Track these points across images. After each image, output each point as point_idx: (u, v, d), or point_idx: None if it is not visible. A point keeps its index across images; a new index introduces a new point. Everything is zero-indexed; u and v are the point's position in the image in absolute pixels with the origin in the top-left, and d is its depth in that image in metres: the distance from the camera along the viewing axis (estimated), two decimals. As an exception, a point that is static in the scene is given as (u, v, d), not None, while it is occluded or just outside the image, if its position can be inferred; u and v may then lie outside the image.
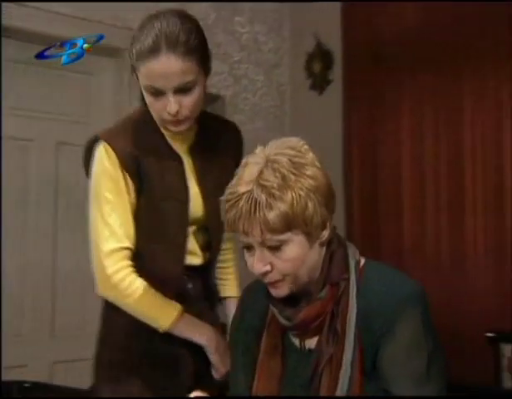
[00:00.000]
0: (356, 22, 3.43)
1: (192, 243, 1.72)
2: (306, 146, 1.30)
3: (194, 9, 2.51)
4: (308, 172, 1.26)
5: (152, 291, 1.63)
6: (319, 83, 3.70)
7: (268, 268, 1.27)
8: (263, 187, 1.23)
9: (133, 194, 1.65)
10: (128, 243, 1.65)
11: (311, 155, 1.29)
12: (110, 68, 3.32)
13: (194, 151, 1.73)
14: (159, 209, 1.67)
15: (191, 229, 1.72)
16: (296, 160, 1.26)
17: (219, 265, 1.86)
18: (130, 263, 1.64)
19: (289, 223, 1.23)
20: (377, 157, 3.16)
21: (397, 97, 3.18)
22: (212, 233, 1.74)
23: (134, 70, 1.61)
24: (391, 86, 3.21)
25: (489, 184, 2.82)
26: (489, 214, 2.80)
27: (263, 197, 1.23)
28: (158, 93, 1.57)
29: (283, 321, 1.34)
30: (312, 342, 1.35)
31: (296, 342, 1.38)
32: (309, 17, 3.75)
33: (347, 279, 1.31)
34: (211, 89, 3.64)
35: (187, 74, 1.55)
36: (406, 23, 3.15)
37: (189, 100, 1.58)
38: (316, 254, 1.31)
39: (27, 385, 2.25)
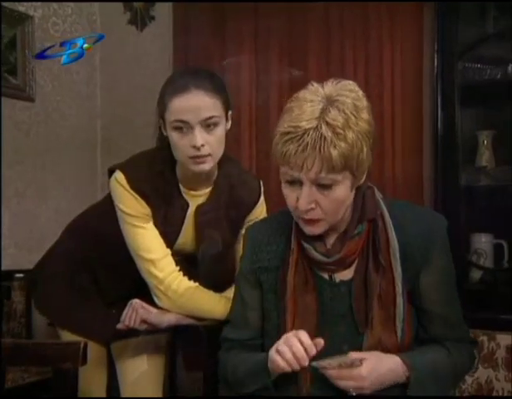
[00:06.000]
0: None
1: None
2: (361, 91, 1.33)
3: None
4: (365, 117, 1.29)
5: (201, 288, 1.81)
6: (140, 18, 3.55)
7: (313, 205, 1.30)
8: (328, 125, 1.24)
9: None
10: (167, 250, 1.81)
11: (365, 100, 1.32)
12: None
13: (202, 210, 1.85)
14: None
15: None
16: (356, 103, 1.29)
17: None
18: (176, 267, 1.82)
19: (346, 163, 1.26)
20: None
21: (238, 39, 3.14)
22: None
23: (161, 114, 1.73)
24: (231, 28, 3.16)
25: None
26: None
27: (330, 134, 1.24)
28: (184, 128, 1.67)
29: (319, 257, 1.38)
30: (341, 275, 1.41)
31: (324, 275, 1.42)
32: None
33: (381, 215, 1.40)
34: (19, 6, 3.28)
35: (213, 109, 1.68)
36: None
37: (212, 138, 1.70)
38: (352, 196, 1.36)
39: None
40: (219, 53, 3.24)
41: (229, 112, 1.77)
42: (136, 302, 1.82)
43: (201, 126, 1.67)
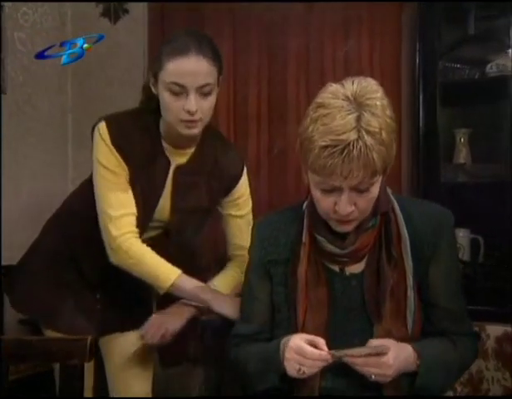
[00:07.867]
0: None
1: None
2: (381, 88, 1.35)
3: None
4: (389, 113, 1.31)
5: (152, 254, 1.78)
6: (114, 11, 3.50)
7: (353, 208, 1.33)
8: (368, 132, 1.26)
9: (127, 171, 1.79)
10: (132, 209, 1.78)
11: (385, 96, 1.34)
12: None
13: (182, 170, 1.84)
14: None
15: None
16: (383, 102, 1.31)
17: None
18: (134, 228, 1.78)
19: (384, 164, 1.30)
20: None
21: (216, 31, 3.06)
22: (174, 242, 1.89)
23: (155, 73, 1.72)
24: (208, 21, 3.14)
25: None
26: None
27: (371, 141, 1.25)
28: (179, 92, 1.68)
29: (334, 249, 1.40)
30: (352, 269, 1.44)
31: (335, 268, 1.44)
32: None
33: (392, 208, 1.43)
34: (-11, -4, 3.19)
35: (210, 76, 1.70)
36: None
37: (206, 104, 1.71)
38: None
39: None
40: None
41: (220, 77, 1.78)
42: (156, 318, 1.81)
43: (196, 92, 1.68)
